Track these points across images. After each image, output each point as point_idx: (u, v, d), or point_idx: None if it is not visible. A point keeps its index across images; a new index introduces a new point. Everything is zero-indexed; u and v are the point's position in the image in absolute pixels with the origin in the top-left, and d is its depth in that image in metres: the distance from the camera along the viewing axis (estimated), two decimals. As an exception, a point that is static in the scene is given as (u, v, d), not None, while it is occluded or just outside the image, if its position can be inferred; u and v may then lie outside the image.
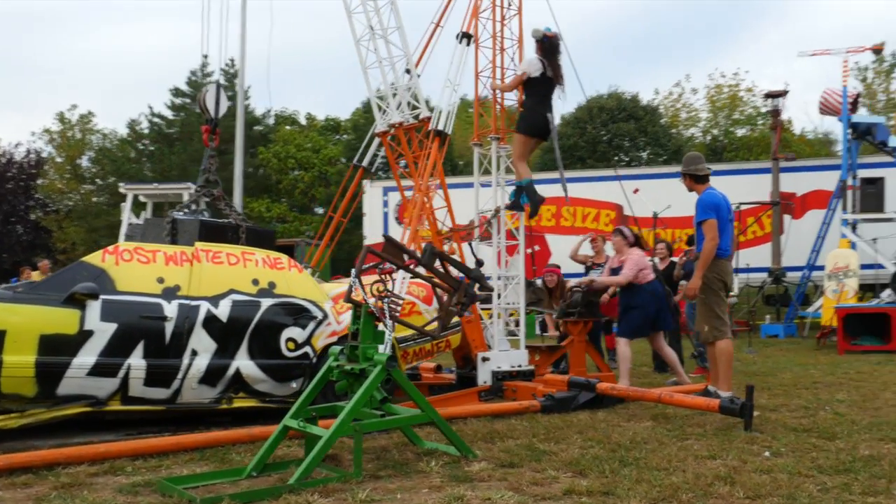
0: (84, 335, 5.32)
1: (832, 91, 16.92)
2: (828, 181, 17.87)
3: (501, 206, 8.07)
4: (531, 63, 7.69)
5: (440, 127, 7.19)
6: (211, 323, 5.76)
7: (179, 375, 5.62)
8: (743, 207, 17.00)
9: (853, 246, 15.63)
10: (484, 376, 7.58)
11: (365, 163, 8.71)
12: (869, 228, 16.33)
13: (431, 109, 7.69)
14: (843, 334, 12.18)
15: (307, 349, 6.12)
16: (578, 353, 8.60)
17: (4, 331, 5.04)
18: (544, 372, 8.32)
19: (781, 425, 5.62)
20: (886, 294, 13.53)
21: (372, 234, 21.04)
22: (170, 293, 5.72)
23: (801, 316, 17.16)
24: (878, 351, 11.72)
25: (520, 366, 7.82)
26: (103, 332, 5.37)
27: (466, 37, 7.60)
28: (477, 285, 5.10)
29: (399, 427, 4.69)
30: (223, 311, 5.83)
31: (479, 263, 5.30)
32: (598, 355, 8.93)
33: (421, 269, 5.13)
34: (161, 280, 5.75)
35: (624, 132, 32.13)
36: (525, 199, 7.84)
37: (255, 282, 6.08)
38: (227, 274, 6.00)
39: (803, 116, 61.69)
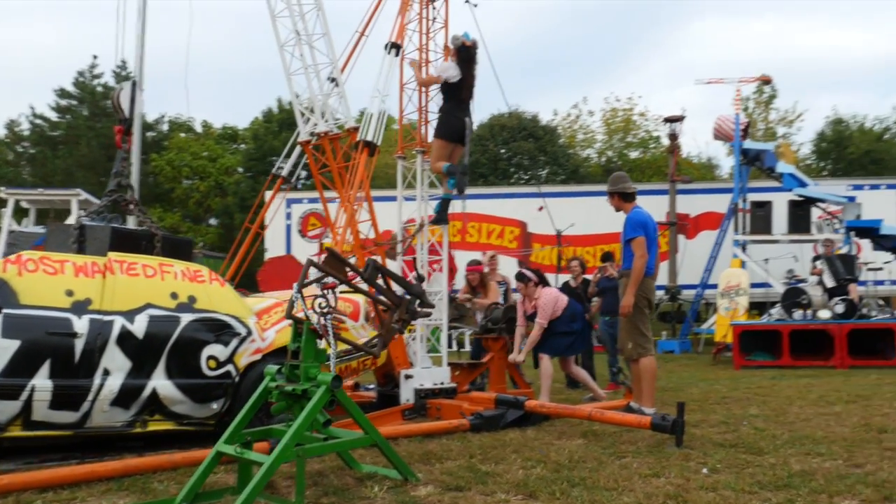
0: (-19, 353, 4.81)
1: (725, 118, 17.82)
2: (719, 203, 18.80)
3: (425, 220, 7.96)
4: (447, 69, 7.60)
5: (369, 137, 7.00)
6: (126, 340, 5.33)
7: (90, 397, 5.16)
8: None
9: (744, 265, 16.42)
10: (407, 394, 7.41)
11: (285, 172, 8.40)
12: (757, 249, 17.24)
13: (358, 120, 7.50)
14: (739, 350, 12.74)
15: (229, 367, 5.78)
16: (499, 370, 8.55)
17: None
18: (464, 389, 8.24)
19: (708, 441, 5.73)
20: (776, 311, 14.24)
21: (273, 247, 20.46)
22: (80, 307, 5.26)
23: (696, 332, 17.88)
24: (770, 366, 12.31)
25: (442, 383, 7.70)
26: (4, 349, 4.89)
27: (395, 47, 7.46)
28: (418, 302, 4.94)
29: (336, 450, 4.46)
30: (139, 326, 5.42)
31: (420, 279, 5.16)
32: (517, 372, 8.91)
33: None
34: (70, 293, 5.28)
35: (524, 151, 32.76)
36: (452, 181, 7.75)
37: (174, 295, 5.69)
38: (144, 287, 5.59)
39: (690, 142, 64.96)
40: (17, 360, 4.91)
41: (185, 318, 5.64)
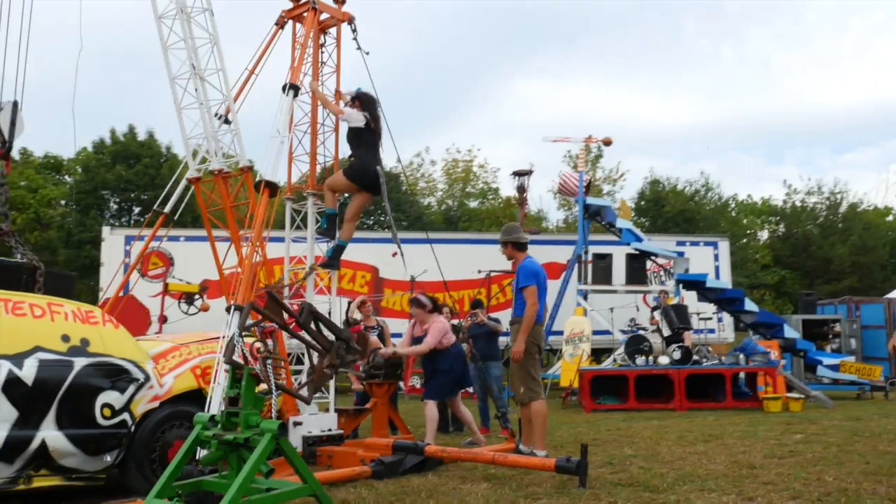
0: None
1: (569, 175, 19.01)
2: (560, 254, 19.87)
3: (314, 263, 7.88)
4: (352, 115, 7.62)
5: (268, 177, 6.84)
6: (12, 386, 4.84)
7: (-31, 452, 4.61)
8: (493, 274, 18.29)
9: (587, 313, 17.41)
10: (295, 442, 7.20)
11: (168, 209, 7.98)
12: (599, 298, 18.36)
13: (251, 160, 7.33)
14: (589, 394, 13.43)
15: (125, 416, 5.37)
16: (381, 416, 8.50)
17: None
18: (348, 435, 8.12)
19: (606, 481, 6.01)
20: (620, 357, 15.21)
21: (111, 287, 19.05)
22: (-40, 351, 4.71)
23: (542, 377, 18.61)
24: (618, 409, 13.08)
25: (329, 429, 7.57)
26: None
27: (293, 88, 7.40)
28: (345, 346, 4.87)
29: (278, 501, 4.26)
30: (27, 372, 4.93)
31: (348, 324, 5.09)
32: (399, 417, 8.90)
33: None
34: (-52, 334, 4.72)
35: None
36: (325, 222, 7.77)
37: (66, 338, 5.24)
38: (32, 328, 5.11)
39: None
40: None
41: (79, 362, 5.21)
